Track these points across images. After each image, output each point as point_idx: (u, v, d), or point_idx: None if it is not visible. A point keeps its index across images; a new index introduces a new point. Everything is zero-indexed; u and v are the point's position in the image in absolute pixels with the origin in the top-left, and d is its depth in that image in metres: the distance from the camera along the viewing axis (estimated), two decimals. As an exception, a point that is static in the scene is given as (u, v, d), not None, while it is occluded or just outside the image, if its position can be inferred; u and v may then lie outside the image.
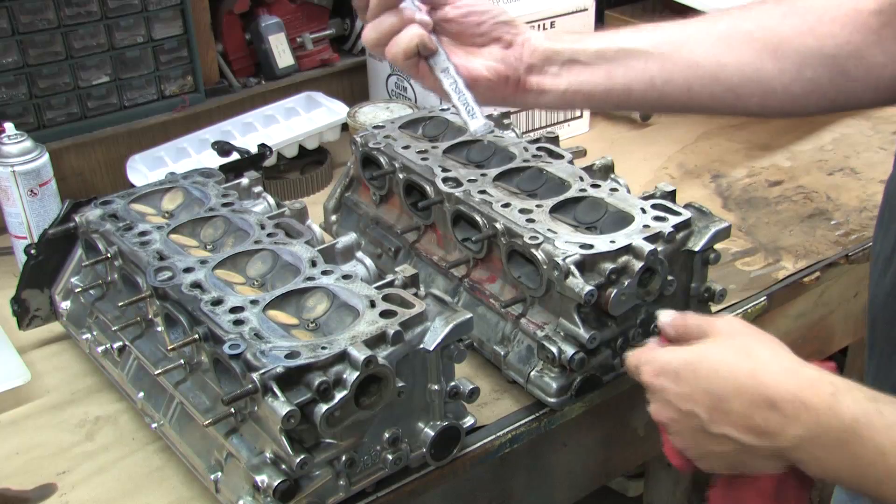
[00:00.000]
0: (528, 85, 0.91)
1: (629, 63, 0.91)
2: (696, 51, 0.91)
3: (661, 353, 0.79)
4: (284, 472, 0.81)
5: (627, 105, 0.94)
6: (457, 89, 0.89)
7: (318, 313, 0.88)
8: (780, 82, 0.91)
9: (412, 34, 0.87)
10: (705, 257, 1.01)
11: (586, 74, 0.91)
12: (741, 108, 0.94)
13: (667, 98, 0.92)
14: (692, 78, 0.91)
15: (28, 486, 0.94)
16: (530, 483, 1.06)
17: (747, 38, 0.91)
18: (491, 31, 0.91)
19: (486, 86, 0.90)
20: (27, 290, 1.10)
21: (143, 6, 1.41)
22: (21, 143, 1.18)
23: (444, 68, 0.89)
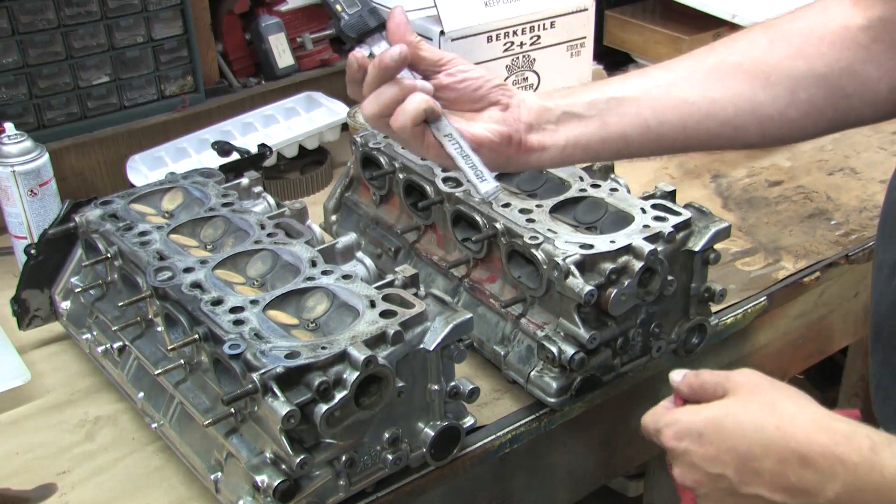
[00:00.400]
0: (529, 144, 0.89)
1: (621, 110, 0.90)
2: (686, 90, 0.90)
3: (681, 414, 0.77)
4: (284, 472, 0.81)
5: (627, 152, 0.92)
6: (463, 154, 0.87)
7: (318, 313, 0.88)
8: (775, 109, 0.90)
9: (418, 101, 0.85)
10: (705, 257, 1.01)
11: (581, 127, 0.90)
12: (741, 140, 0.93)
13: (664, 140, 0.92)
14: (685, 117, 0.90)
15: (28, 486, 0.94)
16: (530, 483, 1.06)
17: (736, 69, 0.90)
18: (488, 95, 0.90)
19: (490, 147, 0.89)
20: (27, 290, 1.10)
21: (143, 6, 1.41)
22: (21, 143, 1.18)
23: (448, 133, 0.87)
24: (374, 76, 0.86)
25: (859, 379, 1.91)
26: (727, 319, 1.15)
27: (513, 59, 1.46)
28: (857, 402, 1.93)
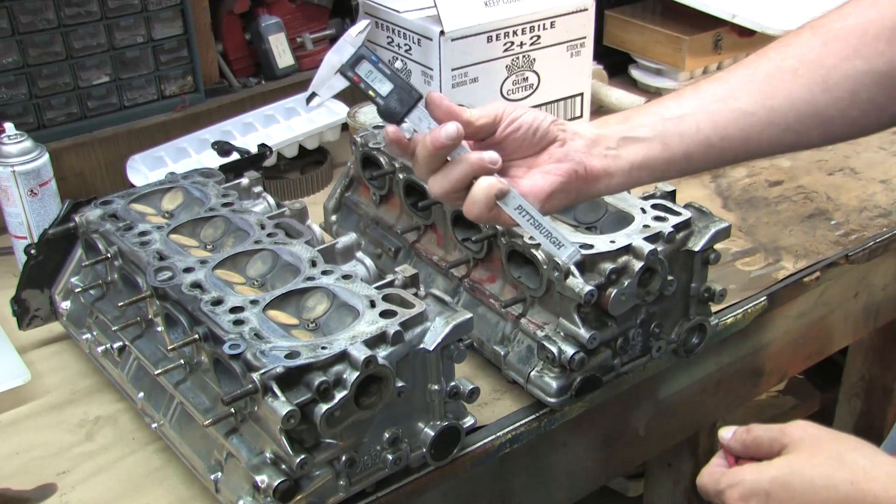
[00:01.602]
0: (594, 172, 0.87)
1: (681, 130, 0.88)
2: (744, 101, 0.88)
3: (744, 474, 0.75)
4: (284, 472, 0.81)
5: (692, 169, 0.91)
6: (535, 224, 0.84)
7: (318, 313, 0.88)
8: (837, 110, 0.88)
9: (488, 186, 0.82)
10: (705, 257, 1.01)
11: (643, 150, 0.88)
12: (804, 143, 0.92)
13: (727, 153, 0.90)
14: (747, 128, 0.88)
15: (28, 486, 0.94)
16: (530, 483, 1.06)
17: (792, 76, 0.88)
18: (546, 135, 0.87)
19: (561, 190, 0.86)
20: (27, 290, 1.10)
21: (143, 6, 1.41)
22: (21, 143, 1.18)
23: (517, 206, 0.84)
24: (430, 157, 0.84)
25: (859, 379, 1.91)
26: (727, 319, 1.15)
27: (513, 59, 1.46)
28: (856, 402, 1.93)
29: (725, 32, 1.68)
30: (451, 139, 0.83)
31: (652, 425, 1.17)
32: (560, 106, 1.57)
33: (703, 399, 1.24)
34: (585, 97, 1.59)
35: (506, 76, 1.47)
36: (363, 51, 0.87)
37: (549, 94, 1.54)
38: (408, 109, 0.86)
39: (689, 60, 1.67)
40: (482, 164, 0.83)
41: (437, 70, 1.43)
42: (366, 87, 0.86)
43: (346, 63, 0.87)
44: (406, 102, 0.85)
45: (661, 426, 1.19)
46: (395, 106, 0.85)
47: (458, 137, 0.83)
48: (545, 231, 0.85)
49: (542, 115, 0.88)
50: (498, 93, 1.48)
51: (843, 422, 1.99)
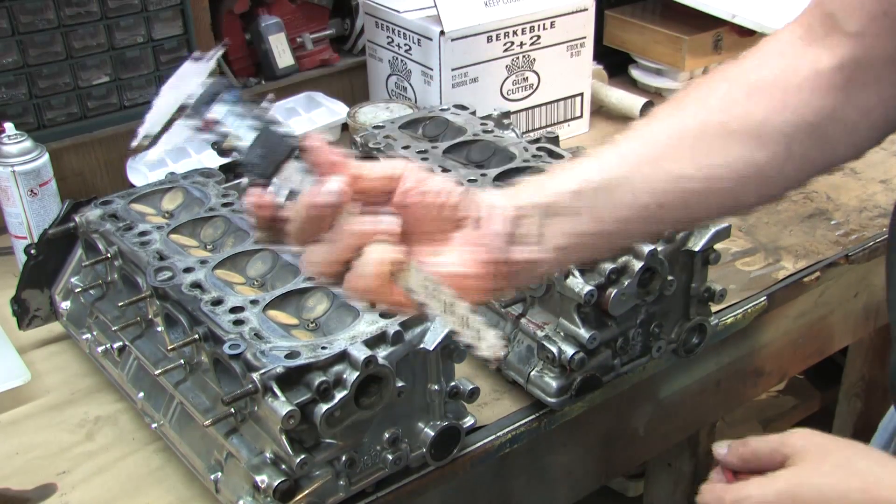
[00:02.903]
0: (515, 264, 0.70)
1: (615, 200, 0.74)
2: (680, 162, 0.76)
3: (749, 489, 0.71)
4: (284, 472, 0.81)
5: (623, 242, 0.79)
6: (447, 307, 0.66)
7: (318, 313, 0.88)
8: (773, 168, 0.79)
9: (378, 258, 0.64)
10: (705, 257, 1.01)
11: (570, 225, 0.72)
12: (739, 206, 0.82)
13: (665, 222, 0.78)
14: (686, 193, 0.76)
15: (28, 486, 0.94)
16: (530, 483, 1.06)
17: (725, 131, 0.77)
18: (455, 211, 0.69)
19: (477, 285, 0.69)
20: (27, 290, 1.10)
21: (143, 6, 1.41)
22: (21, 143, 1.18)
23: (422, 284, 0.65)
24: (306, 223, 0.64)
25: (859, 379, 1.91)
26: (727, 319, 1.15)
27: (513, 59, 1.46)
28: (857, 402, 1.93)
29: (725, 32, 1.68)
30: (332, 201, 0.63)
31: (652, 425, 1.17)
32: (560, 106, 1.57)
33: (703, 399, 1.24)
34: (585, 97, 1.59)
35: (506, 76, 1.47)
36: (219, 84, 0.65)
37: (549, 94, 1.54)
38: (279, 162, 0.65)
39: (689, 60, 1.67)
40: (375, 228, 0.64)
41: (437, 70, 1.44)
42: (222, 132, 0.65)
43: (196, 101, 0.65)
44: (276, 153, 0.65)
45: (661, 426, 1.19)
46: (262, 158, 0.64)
47: (342, 199, 0.63)
48: (459, 316, 0.66)
49: (452, 186, 0.69)
50: (498, 93, 1.48)
51: (843, 422, 1.99)
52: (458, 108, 1.24)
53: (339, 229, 0.65)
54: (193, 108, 0.65)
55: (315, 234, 0.65)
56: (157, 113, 0.69)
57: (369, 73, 1.62)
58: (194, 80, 0.66)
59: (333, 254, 0.65)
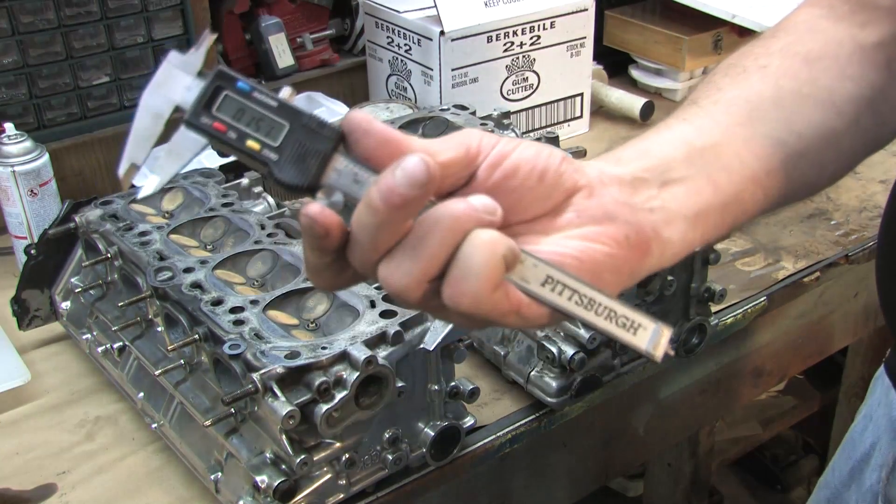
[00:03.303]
0: (646, 238, 0.56)
1: (724, 164, 0.63)
2: (770, 126, 0.67)
3: None
4: (284, 472, 0.81)
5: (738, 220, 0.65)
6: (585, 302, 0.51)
7: (318, 313, 0.88)
8: (847, 137, 0.71)
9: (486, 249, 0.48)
10: (705, 257, 1.01)
11: (693, 192, 0.60)
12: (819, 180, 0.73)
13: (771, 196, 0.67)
14: (785, 160, 0.67)
15: (28, 486, 0.94)
16: (530, 483, 1.06)
17: (799, 96, 0.69)
18: (561, 181, 0.54)
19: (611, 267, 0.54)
20: (27, 290, 1.10)
21: (143, 6, 1.41)
22: (21, 143, 1.18)
23: (545, 279, 0.50)
24: (380, 227, 0.49)
25: (859, 379, 1.91)
26: (727, 319, 1.15)
27: (513, 59, 1.46)
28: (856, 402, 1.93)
29: (725, 32, 1.68)
30: (417, 184, 0.47)
31: (652, 425, 1.17)
32: (560, 106, 1.57)
33: (703, 399, 1.24)
34: (585, 97, 1.59)
35: (506, 76, 1.47)
36: (220, 76, 0.51)
37: (549, 95, 1.54)
38: (322, 164, 0.50)
39: (689, 60, 1.67)
40: (472, 214, 0.49)
41: (437, 70, 1.44)
42: (239, 138, 0.50)
43: (194, 103, 0.51)
44: (316, 152, 0.50)
45: (661, 426, 1.19)
46: (299, 163, 0.50)
47: (432, 179, 0.48)
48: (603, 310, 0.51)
49: (548, 150, 0.55)
50: (498, 93, 1.48)
51: (843, 422, 1.99)
52: (458, 108, 1.24)
53: (422, 228, 0.49)
54: (192, 113, 0.51)
55: (390, 241, 0.49)
56: (140, 132, 0.56)
57: (369, 73, 1.62)
58: (181, 80, 0.52)
59: (422, 259, 0.49)
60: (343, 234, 0.50)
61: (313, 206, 0.49)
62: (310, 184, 0.49)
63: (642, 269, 0.57)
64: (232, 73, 0.50)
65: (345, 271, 0.52)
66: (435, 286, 0.50)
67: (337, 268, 0.52)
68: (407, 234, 0.49)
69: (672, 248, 0.59)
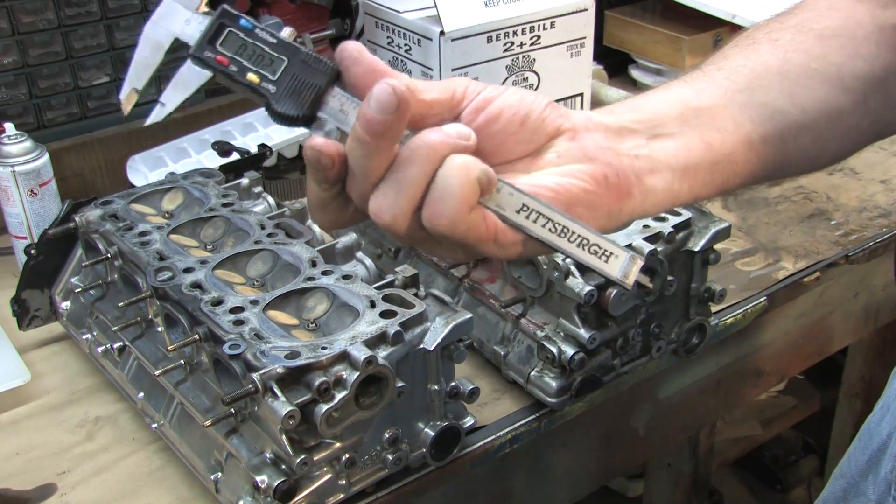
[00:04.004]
0: (628, 180, 0.59)
1: (719, 125, 0.65)
2: (771, 95, 0.69)
3: None
4: (284, 472, 0.81)
5: (730, 183, 0.67)
6: (558, 229, 0.53)
7: (318, 313, 0.88)
8: (853, 117, 0.72)
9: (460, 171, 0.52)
10: (705, 257, 1.01)
11: (683, 149, 0.62)
12: (821, 156, 0.74)
13: (766, 161, 0.68)
14: (783, 130, 0.69)
15: (28, 486, 0.94)
16: (530, 483, 1.06)
17: (807, 71, 0.70)
18: (544, 124, 0.57)
19: (586, 203, 0.57)
20: (27, 290, 1.10)
21: (143, 6, 1.41)
22: (21, 143, 1.18)
23: (521, 206, 0.53)
24: (367, 157, 0.52)
25: (859, 379, 1.91)
26: (727, 319, 1.15)
27: (513, 60, 1.46)
28: (857, 402, 1.93)
29: (725, 32, 1.68)
30: (388, 109, 0.51)
31: (652, 425, 1.17)
32: (560, 106, 1.57)
33: (703, 399, 1.24)
34: (585, 97, 1.59)
35: (506, 76, 1.47)
36: (223, 14, 0.54)
37: (549, 95, 1.54)
38: (318, 96, 0.53)
39: (689, 60, 1.67)
40: (447, 141, 0.53)
41: (438, 70, 1.44)
42: (240, 71, 0.53)
43: (199, 39, 0.54)
44: (313, 86, 0.53)
45: (661, 426, 1.19)
46: (297, 96, 0.53)
47: (401, 104, 0.51)
48: (577, 237, 0.54)
49: (533, 96, 0.58)
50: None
51: (843, 422, 1.99)
52: (458, 108, 1.24)
53: (402, 157, 0.52)
54: (197, 47, 0.53)
55: (378, 171, 0.53)
56: (141, 61, 0.58)
57: (369, 73, 1.62)
58: (180, 14, 0.54)
59: (404, 187, 0.52)
60: (345, 165, 0.53)
61: (317, 138, 0.52)
62: (304, 115, 0.53)
63: (622, 212, 0.60)
64: (235, 12, 0.54)
65: (347, 207, 0.56)
66: (419, 217, 0.53)
67: (340, 203, 0.55)
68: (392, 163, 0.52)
69: (655, 197, 0.61)
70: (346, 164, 0.53)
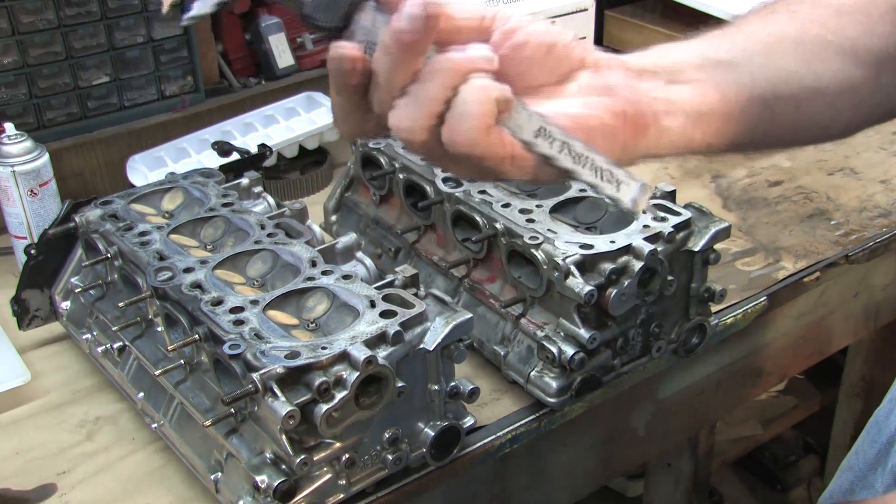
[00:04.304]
0: (644, 117, 0.62)
1: (736, 78, 0.68)
2: (789, 60, 0.71)
3: None
4: (284, 472, 0.81)
5: (742, 136, 0.69)
6: (573, 154, 0.55)
7: (318, 313, 0.88)
8: (866, 91, 0.75)
9: (480, 92, 0.54)
10: (705, 257, 1.01)
11: (699, 96, 0.65)
12: (832, 127, 0.77)
13: (777, 122, 0.71)
14: (797, 92, 0.71)
15: (28, 486, 0.94)
16: (530, 483, 1.06)
17: (822, 41, 0.73)
18: (568, 57, 0.60)
19: (603, 132, 0.59)
20: (27, 290, 1.10)
21: (143, 6, 1.41)
22: (21, 143, 1.18)
23: (538, 129, 0.55)
24: (392, 67, 0.55)
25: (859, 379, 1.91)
26: (727, 319, 1.15)
27: (513, 59, 1.46)
28: (857, 402, 1.93)
29: (725, 32, 1.68)
30: (418, 22, 0.53)
31: (652, 425, 1.17)
32: (560, 106, 1.57)
33: (703, 399, 1.24)
34: (585, 97, 1.59)
35: (506, 76, 1.47)
36: None
37: (549, 94, 1.54)
38: (351, 7, 0.55)
39: (689, 60, 1.67)
40: (469, 61, 0.55)
41: (437, 70, 1.43)
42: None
43: None
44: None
45: (661, 426, 1.19)
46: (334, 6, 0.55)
47: (430, 20, 0.53)
48: (591, 163, 0.55)
49: (560, 29, 0.60)
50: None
51: (843, 422, 1.99)
52: (458, 108, 1.24)
53: (425, 74, 0.54)
54: None
55: (403, 81, 0.55)
56: None
57: (369, 73, 1.62)
58: None
59: (425, 101, 0.55)
60: (366, 72, 0.56)
61: (343, 43, 0.55)
62: (338, 23, 0.55)
63: (637, 148, 0.62)
64: None
65: (369, 116, 0.58)
66: (437, 133, 0.55)
67: (362, 112, 0.58)
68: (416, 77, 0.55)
69: (669, 137, 0.64)
70: (368, 74, 0.56)
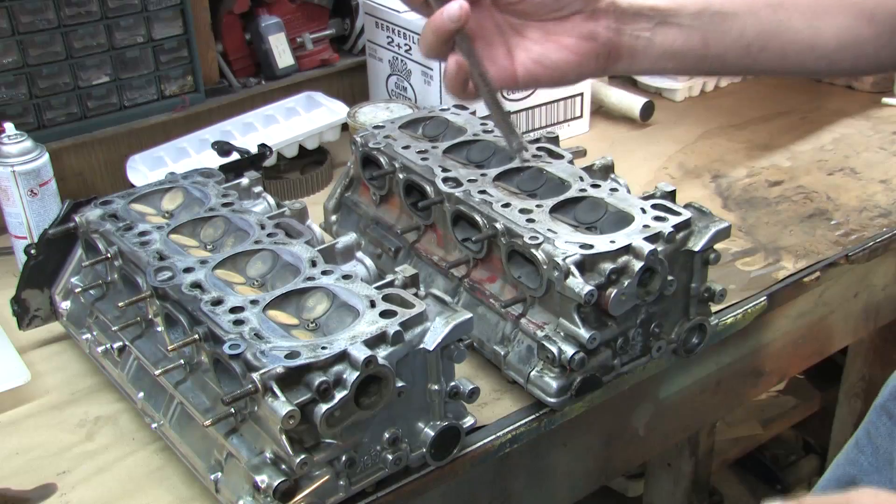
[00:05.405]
0: (619, 52, 0.82)
1: (724, 28, 0.84)
2: (794, 17, 0.85)
3: None
4: (284, 472, 0.81)
5: (718, 71, 0.92)
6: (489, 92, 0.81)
7: (318, 313, 0.88)
8: (874, 47, 0.87)
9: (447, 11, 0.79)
10: (705, 257, 1.01)
11: (681, 39, 0.83)
12: (831, 72, 0.93)
13: (759, 65, 0.87)
14: (787, 45, 0.86)
15: (28, 486, 0.94)
16: (530, 483, 1.06)
17: (840, 3, 0.85)
18: (571, 2, 0.80)
19: (573, 69, 0.82)
20: (27, 290, 1.10)
21: (143, 6, 1.41)
22: (21, 143, 1.18)
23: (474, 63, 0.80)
24: None
25: (859, 379, 1.91)
26: (727, 319, 1.15)
27: (513, 59, 1.46)
28: (856, 402, 1.93)
29: (725, 32, 1.68)
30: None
31: (652, 425, 1.17)
32: (560, 106, 1.57)
33: (703, 399, 1.24)
34: (585, 97, 1.59)
35: (506, 76, 1.47)
36: None
37: (549, 94, 1.54)
38: None
39: (689, 60, 1.67)
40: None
41: (438, 70, 1.44)
42: None
43: None
44: None
45: (661, 426, 1.19)
46: None
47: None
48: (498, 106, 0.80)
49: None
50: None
51: (842, 422, 1.99)
52: (458, 107, 1.24)
53: None
54: None
55: None
56: None
57: (369, 73, 1.62)
58: None
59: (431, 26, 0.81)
60: None
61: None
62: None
63: (608, 71, 0.82)
64: None
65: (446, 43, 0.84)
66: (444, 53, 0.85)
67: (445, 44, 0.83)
68: None
69: (641, 66, 0.83)
70: None
